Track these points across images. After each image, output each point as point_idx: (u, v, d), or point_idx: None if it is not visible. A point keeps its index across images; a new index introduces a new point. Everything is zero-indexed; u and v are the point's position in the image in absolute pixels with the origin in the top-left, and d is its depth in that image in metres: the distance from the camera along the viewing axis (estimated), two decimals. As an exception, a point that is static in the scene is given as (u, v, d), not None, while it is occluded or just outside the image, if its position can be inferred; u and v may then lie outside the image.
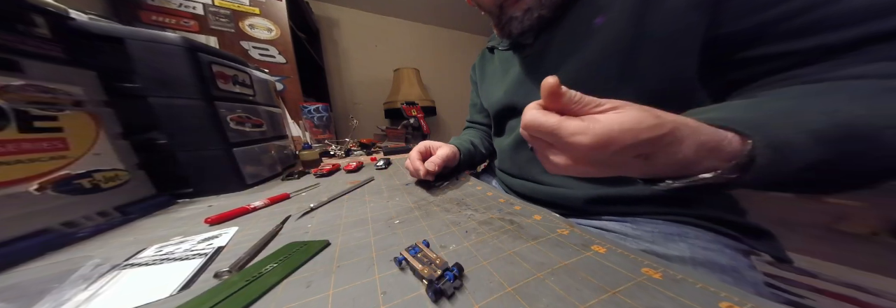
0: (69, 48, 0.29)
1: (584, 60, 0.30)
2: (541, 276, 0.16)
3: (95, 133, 0.30)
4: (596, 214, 0.33)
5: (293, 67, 1.13)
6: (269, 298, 0.15)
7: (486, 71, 0.54)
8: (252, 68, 0.51)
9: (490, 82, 0.51)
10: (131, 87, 0.34)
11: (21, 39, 0.26)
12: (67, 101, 0.28)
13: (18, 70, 0.25)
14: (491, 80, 0.51)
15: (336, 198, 0.35)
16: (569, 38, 0.33)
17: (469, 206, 0.29)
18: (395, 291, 0.15)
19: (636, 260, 0.17)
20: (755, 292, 0.24)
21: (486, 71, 0.54)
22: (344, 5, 1.78)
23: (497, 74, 0.49)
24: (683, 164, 0.16)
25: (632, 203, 0.31)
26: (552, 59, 0.35)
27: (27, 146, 0.25)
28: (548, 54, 0.36)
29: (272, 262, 0.19)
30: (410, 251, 0.18)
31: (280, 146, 0.58)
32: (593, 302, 0.13)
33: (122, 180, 0.32)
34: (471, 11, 2.00)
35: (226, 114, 0.41)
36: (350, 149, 0.89)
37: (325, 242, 0.22)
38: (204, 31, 0.94)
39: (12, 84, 0.24)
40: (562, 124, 0.15)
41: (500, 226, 0.23)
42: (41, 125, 0.26)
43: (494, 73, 0.50)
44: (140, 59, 0.34)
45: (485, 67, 0.55)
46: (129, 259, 0.21)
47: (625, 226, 0.30)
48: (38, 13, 0.27)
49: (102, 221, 0.29)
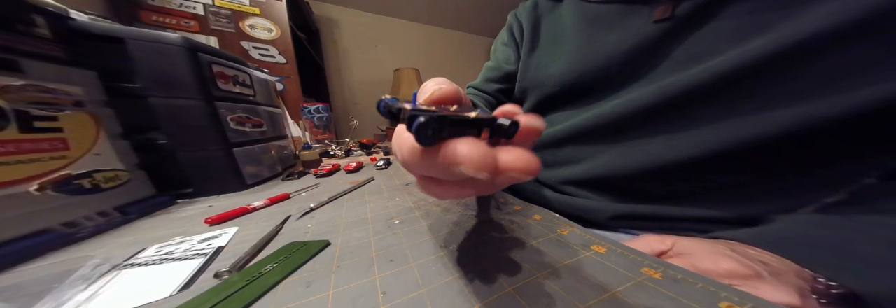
0: (69, 48, 0.29)
1: (798, 45, 0.18)
2: (541, 276, 0.16)
3: (95, 133, 0.30)
4: (616, 229, 0.29)
5: (293, 67, 1.13)
6: (269, 298, 0.15)
7: (546, 32, 0.37)
8: (252, 68, 0.51)
9: (549, 48, 0.36)
10: (131, 87, 0.34)
11: (21, 39, 0.26)
12: (67, 101, 0.28)
13: (18, 70, 0.25)
14: (552, 45, 0.35)
15: (336, 198, 0.35)
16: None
17: (469, 206, 0.29)
18: (395, 291, 0.15)
19: (636, 260, 0.16)
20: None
21: (546, 32, 0.37)
22: (344, 5, 1.78)
23: (568, 38, 0.33)
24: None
25: (666, 220, 0.27)
26: (722, 31, 0.23)
27: (27, 146, 0.25)
28: (706, 19, 0.23)
29: (272, 262, 0.19)
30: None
31: (280, 146, 0.58)
32: (593, 302, 0.13)
33: (122, 180, 0.32)
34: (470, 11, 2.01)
35: (226, 114, 0.41)
36: (350, 149, 0.89)
37: (325, 242, 0.22)
38: (204, 32, 0.94)
39: (12, 84, 0.24)
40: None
41: (501, 226, 0.23)
42: (41, 125, 0.26)
43: (563, 36, 0.34)
44: (140, 59, 0.34)
45: (541, 26, 0.37)
46: (129, 259, 0.21)
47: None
48: (38, 13, 0.27)
49: (102, 221, 0.29)
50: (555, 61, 0.34)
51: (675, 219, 0.27)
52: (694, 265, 0.17)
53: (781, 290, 0.15)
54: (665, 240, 0.21)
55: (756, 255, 0.18)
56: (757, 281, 0.16)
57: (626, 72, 0.28)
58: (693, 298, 0.13)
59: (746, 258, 0.17)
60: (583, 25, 0.32)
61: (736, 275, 0.16)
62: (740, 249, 0.19)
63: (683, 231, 0.26)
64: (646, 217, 0.28)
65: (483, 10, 2.02)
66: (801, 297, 0.15)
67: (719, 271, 0.16)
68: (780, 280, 0.16)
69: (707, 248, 0.19)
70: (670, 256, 0.19)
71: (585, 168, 0.31)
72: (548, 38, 0.36)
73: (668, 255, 0.19)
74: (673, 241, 0.20)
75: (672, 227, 0.27)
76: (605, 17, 0.30)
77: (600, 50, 0.30)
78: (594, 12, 0.31)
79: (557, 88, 0.33)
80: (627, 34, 0.28)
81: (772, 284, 0.16)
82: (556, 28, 0.35)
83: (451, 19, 2.14)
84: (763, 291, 0.15)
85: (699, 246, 0.19)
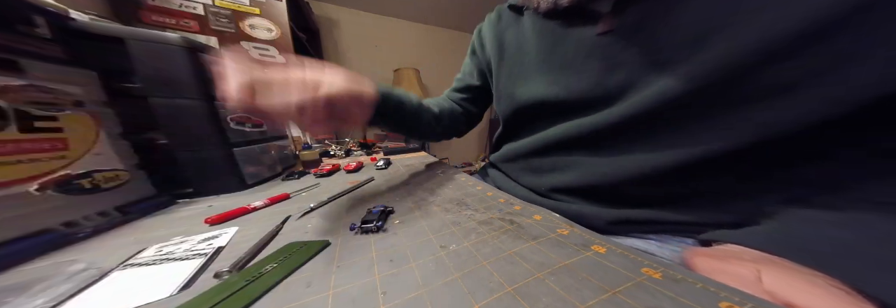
0: (69, 48, 0.29)
1: (745, 47, 0.19)
2: (541, 276, 0.16)
3: (95, 133, 0.30)
4: (618, 233, 0.29)
5: (293, 67, 1.13)
6: (269, 298, 0.15)
7: (511, 42, 0.37)
8: (252, 68, 0.51)
9: (514, 64, 0.36)
10: (131, 87, 0.34)
11: (21, 39, 0.26)
12: (68, 101, 0.28)
13: (19, 70, 0.25)
14: (517, 60, 0.35)
15: (336, 198, 0.35)
16: (709, 11, 0.21)
17: (469, 206, 0.29)
18: (395, 291, 0.15)
19: (636, 260, 0.16)
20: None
21: (511, 42, 0.37)
22: (344, 5, 1.78)
23: (529, 54, 0.34)
24: None
25: (665, 224, 0.27)
26: (661, 46, 0.23)
27: (27, 146, 0.25)
28: (651, 36, 0.23)
29: (272, 262, 0.19)
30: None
31: (280, 146, 0.58)
32: (593, 302, 0.13)
33: (122, 180, 0.32)
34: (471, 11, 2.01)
35: (226, 114, 0.41)
36: (350, 149, 0.89)
37: (325, 242, 0.22)
38: (204, 32, 0.94)
39: (12, 84, 0.24)
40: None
41: (500, 226, 0.23)
42: (41, 125, 0.26)
43: (527, 47, 0.34)
44: (140, 59, 0.34)
45: (505, 37, 0.38)
46: (129, 259, 0.21)
47: (649, 243, 0.27)
48: (38, 13, 0.27)
49: (102, 221, 0.29)
50: (522, 72, 0.35)
51: (671, 223, 0.27)
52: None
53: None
54: (746, 265, 0.17)
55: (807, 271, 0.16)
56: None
57: (590, 81, 0.28)
58: (693, 298, 0.13)
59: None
60: (540, 38, 0.33)
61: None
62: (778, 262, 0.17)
63: (680, 233, 0.27)
64: (642, 222, 0.28)
65: (483, 11, 2.01)
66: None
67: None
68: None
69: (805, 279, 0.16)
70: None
71: (572, 176, 0.32)
72: (513, 48, 0.37)
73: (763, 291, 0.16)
74: (757, 269, 0.17)
75: (667, 230, 0.27)
76: (557, 30, 0.31)
77: (560, 61, 0.31)
78: (548, 25, 0.31)
79: (535, 100, 0.33)
80: (580, 46, 0.28)
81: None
82: (520, 38, 0.36)
83: (451, 19, 2.14)
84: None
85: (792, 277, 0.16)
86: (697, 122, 0.23)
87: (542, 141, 0.34)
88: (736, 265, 0.18)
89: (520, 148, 0.38)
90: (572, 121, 0.31)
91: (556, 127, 0.33)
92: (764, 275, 0.16)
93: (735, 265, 0.18)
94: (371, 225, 0.23)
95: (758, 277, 0.16)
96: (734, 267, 0.17)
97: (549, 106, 0.32)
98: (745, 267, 0.17)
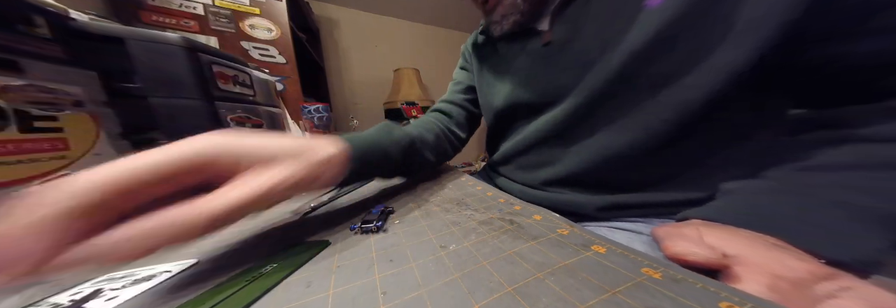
0: (69, 48, 0.29)
1: (633, 53, 0.25)
2: (541, 276, 0.16)
3: (96, 133, 0.30)
4: (608, 219, 0.31)
5: (293, 67, 1.13)
6: (269, 298, 0.15)
7: (485, 60, 0.45)
8: (252, 68, 0.51)
9: (489, 77, 0.44)
10: (131, 87, 0.34)
11: (21, 39, 0.26)
12: (68, 102, 0.28)
13: (18, 70, 0.25)
14: (491, 73, 0.43)
15: (336, 198, 0.35)
16: (606, 23, 0.28)
17: (469, 206, 0.29)
18: (395, 291, 0.15)
19: (636, 260, 0.16)
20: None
21: (485, 60, 0.45)
22: (344, 5, 1.78)
23: (499, 67, 0.42)
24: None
25: (649, 207, 0.30)
26: (584, 51, 0.30)
27: (28, 146, 0.25)
28: (576, 44, 0.30)
29: (272, 263, 0.19)
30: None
31: (280, 146, 0.58)
32: (593, 302, 0.13)
33: (122, 180, 0.32)
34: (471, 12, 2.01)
35: (226, 114, 0.41)
36: (350, 149, 0.89)
37: (325, 242, 0.22)
38: (204, 32, 0.94)
39: (12, 84, 0.24)
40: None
41: (500, 226, 0.23)
42: (41, 125, 0.26)
43: (495, 65, 0.42)
44: (140, 59, 0.34)
45: (481, 55, 0.46)
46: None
47: (637, 224, 0.29)
48: (38, 13, 0.27)
49: (102, 221, 0.29)
50: (496, 84, 0.42)
51: (653, 205, 0.30)
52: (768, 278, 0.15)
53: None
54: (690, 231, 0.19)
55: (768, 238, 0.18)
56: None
57: (547, 83, 0.35)
58: (693, 298, 0.13)
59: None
60: (505, 53, 0.41)
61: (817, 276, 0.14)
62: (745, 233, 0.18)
63: (663, 216, 0.30)
64: (628, 206, 0.31)
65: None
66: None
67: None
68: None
69: (759, 243, 0.17)
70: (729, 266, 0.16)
71: (559, 168, 0.36)
72: (487, 68, 0.45)
73: (725, 265, 0.16)
74: (699, 230, 0.19)
75: (651, 214, 0.31)
76: (515, 46, 0.38)
77: (521, 69, 0.38)
78: (508, 44, 0.40)
79: (505, 107, 0.41)
80: (534, 55, 0.36)
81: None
82: (491, 55, 0.44)
83: (451, 19, 2.14)
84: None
85: (749, 243, 0.17)
86: (632, 107, 0.28)
87: (524, 140, 0.39)
88: (682, 228, 0.21)
89: (508, 150, 0.43)
90: (541, 117, 0.36)
91: (532, 124, 0.38)
92: (704, 234, 0.18)
93: (682, 228, 0.21)
94: (371, 225, 0.23)
95: (700, 236, 0.18)
96: (681, 229, 0.20)
97: (521, 106, 0.39)
98: (690, 229, 0.20)
